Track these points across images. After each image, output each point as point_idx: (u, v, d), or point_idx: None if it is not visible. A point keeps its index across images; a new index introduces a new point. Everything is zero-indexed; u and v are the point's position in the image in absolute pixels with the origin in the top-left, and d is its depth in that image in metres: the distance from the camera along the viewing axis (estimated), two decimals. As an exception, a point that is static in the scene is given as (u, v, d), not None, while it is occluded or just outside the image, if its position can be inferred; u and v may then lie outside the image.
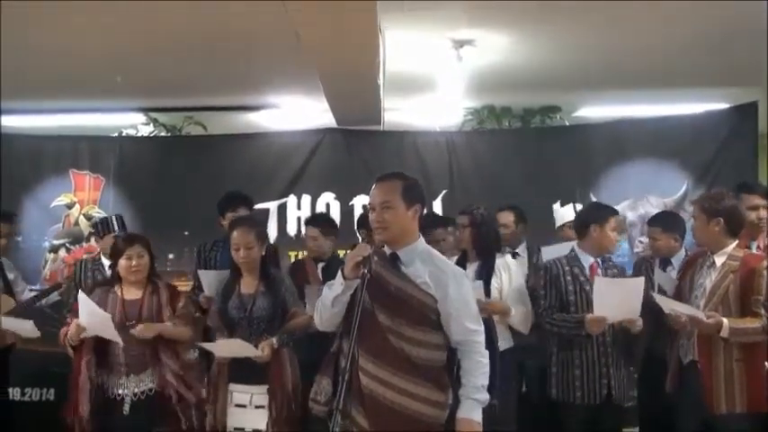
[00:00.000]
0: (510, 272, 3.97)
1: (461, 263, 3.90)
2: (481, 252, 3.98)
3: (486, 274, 3.91)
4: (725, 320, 3.29)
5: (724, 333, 3.30)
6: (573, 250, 3.89)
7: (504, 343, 3.88)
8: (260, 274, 3.68)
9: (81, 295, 3.60)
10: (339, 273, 2.75)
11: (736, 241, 3.51)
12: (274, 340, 3.54)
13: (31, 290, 4.97)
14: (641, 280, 3.65)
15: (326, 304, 2.80)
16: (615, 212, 3.97)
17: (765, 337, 3.35)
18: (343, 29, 3.81)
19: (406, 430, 2.68)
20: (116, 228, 4.49)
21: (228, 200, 4.58)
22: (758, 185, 4.22)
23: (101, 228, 4.57)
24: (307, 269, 4.56)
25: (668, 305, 3.44)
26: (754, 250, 3.95)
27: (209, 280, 4.05)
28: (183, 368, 3.72)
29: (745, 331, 3.34)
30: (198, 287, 4.28)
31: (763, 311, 3.37)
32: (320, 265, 4.57)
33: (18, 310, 4.50)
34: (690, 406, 3.47)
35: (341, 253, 4.76)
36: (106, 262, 4.46)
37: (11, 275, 4.78)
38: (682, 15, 4.62)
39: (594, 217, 3.87)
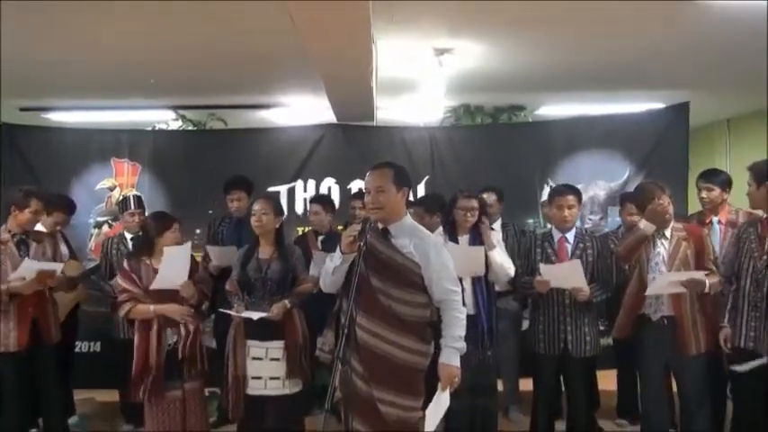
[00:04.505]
0: (500, 243, 3.95)
1: (452, 235, 3.87)
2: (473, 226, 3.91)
3: (479, 242, 3.86)
4: (707, 279, 3.37)
5: (706, 289, 3.38)
6: (549, 227, 3.91)
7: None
8: (275, 243, 3.67)
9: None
10: (338, 248, 2.79)
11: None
12: (287, 302, 3.55)
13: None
14: (577, 262, 3.65)
15: (328, 273, 2.85)
16: (557, 193, 3.84)
17: (720, 288, 3.45)
18: (343, 40, 3.78)
19: (393, 374, 2.72)
20: (132, 206, 4.50)
21: (231, 182, 4.62)
22: (717, 173, 4.15)
23: (122, 206, 4.62)
24: (308, 242, 4.58)
25: (668, 278, 3.42)
26: (716, 225, 3.98)
27: (216, 253, 4.10)
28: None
29: (715, 286, 3.42)
30: (207, 257, 4.33)
31: (714, 267, 3.49)
32: (320, 238, 4.60)
33: (86, 274, 4.58)
34: (657, 351, 3.54)
35: (339, 228, 4.78)
36: (128, 236, 4.50)
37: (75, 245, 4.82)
38: (626, 31, 4.61)
39: (547, 199, 3.93)
